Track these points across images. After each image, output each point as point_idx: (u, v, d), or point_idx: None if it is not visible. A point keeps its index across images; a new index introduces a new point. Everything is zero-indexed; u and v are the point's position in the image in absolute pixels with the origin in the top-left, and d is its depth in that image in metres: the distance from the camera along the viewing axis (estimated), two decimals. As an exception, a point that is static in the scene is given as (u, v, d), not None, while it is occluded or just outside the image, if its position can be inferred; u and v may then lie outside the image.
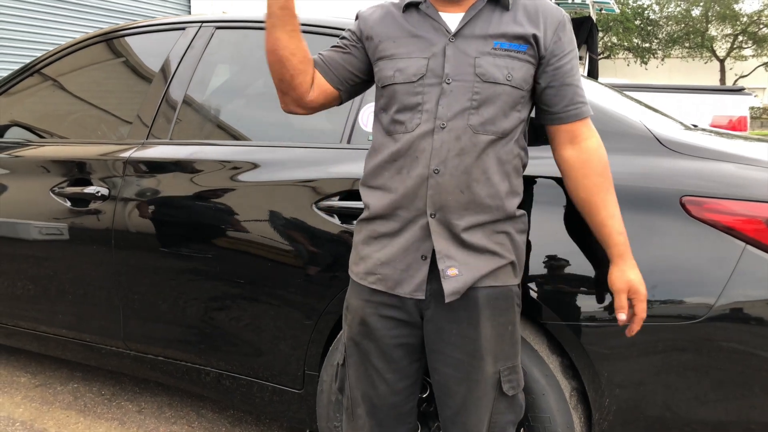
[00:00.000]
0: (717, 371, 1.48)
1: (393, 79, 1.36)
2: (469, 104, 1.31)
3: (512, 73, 1.32)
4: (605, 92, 2.09)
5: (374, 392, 1.44)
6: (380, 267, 1.38)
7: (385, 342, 1.40)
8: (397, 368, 1.42)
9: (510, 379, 1.38)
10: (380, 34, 1.40)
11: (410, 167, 1.34)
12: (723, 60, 26.90)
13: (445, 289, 1.32)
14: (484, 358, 1.35)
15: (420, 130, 1.32)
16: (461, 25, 1.34)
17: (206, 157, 2.03)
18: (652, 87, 5.55)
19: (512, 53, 1.33)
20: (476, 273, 1.33)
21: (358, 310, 1.42)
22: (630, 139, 1.64)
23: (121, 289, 2.14)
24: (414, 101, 1.34)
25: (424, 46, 1.35)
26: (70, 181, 2.23)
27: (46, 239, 2.27)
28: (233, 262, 1.95)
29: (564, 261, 1.57)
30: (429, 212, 1.33)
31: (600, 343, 1.54)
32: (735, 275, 1.46)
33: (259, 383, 2.00)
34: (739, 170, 1.53)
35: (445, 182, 1.31)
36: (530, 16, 1.36)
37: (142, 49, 2.38)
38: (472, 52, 1.32)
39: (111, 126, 2.38)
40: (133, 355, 2.22)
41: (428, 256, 1.34)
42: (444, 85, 1.32)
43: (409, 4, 1.40)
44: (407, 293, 1.35)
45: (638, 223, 1.52)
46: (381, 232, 1.39)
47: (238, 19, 2.21)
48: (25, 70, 2.61)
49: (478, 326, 1.34)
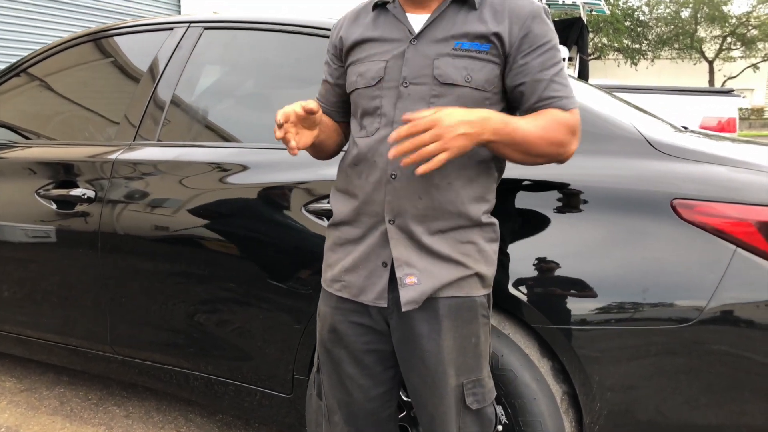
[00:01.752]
0: (708, 375, 1.47)
1: (355, 84, 1.36)
2: (426, 107, 1.26)
3: (472, 74, 1.27)
4: (595, 94, 2.09)
5: (350, 399, 1.42)
6: (344, 274, 1.36)
7: (356, 348, 1.38)
8: (370, 374, 1.40)
9: (474, 392, 1.34)
10: (348, 39, 1.40)
11: (369, 172, 1.32)
12: (712, 61, 27.09)
13: (402, 297, 1.28)
14: (447, 370, 1.31)
15: (378, 134, 1.30)
16: (424, 26, 1.31)
17: (194, 158, 2.01)
18: (642, 88, 5.57)
19: (473, 53, 1.28)
20: (436, 282, 1.28)
21: (328, 317, 1.40)
22: (621, 142, 1.63)
23: (108, 292, 2.11)
24: (373, 105, 1.32)
25: (385, 48, 1.33)
26: (55, 183, 2.20)
27: (31, 242, 2.24)
28: (222, 265, 1.92)
29: (554, 264, 1.56)
30: (387, 218, 1.30)
31: (591, 346, 1.53)
32: (726, 278, 1.45)
33: (248, 388, 1.98)
34: (729, 173, 1.52)
35: (403, 188, 1.28)
36: (496, 13, 1.29)
37: (129, 50, 2.36)
38: (431, 54, 1.29)
39: (98, 127, 2.35)
40: (121, 360, 2.20)
41: (388, 263, 1.31)
42: (401, 89, 1.29)
43: (378, 4, 1.38)
44: (370, 301, 1.33)
45: (629, 226, 1.52)
46: (345, 239, 1.37)
47: (226, 20, 2.19)
48: (10, 69, 2.57)
49: (440, 337, 1.30)
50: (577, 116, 1.29)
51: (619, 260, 1.53)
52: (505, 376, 1.57)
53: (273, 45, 2.10)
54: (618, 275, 1.52)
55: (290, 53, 2.06)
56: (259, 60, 2.14)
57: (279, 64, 2.10)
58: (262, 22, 2.12)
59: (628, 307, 1.50)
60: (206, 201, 1.94)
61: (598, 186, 1.56)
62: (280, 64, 2.11)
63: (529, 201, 1.61)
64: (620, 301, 1.51)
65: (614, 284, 1.52)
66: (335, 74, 1.45)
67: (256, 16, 2.16)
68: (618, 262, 1.53)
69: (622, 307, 1.51)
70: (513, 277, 1.57)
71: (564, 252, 1.56)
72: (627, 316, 1.50)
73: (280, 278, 1.85)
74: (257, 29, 2.13)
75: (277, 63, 2.11)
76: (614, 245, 1.53)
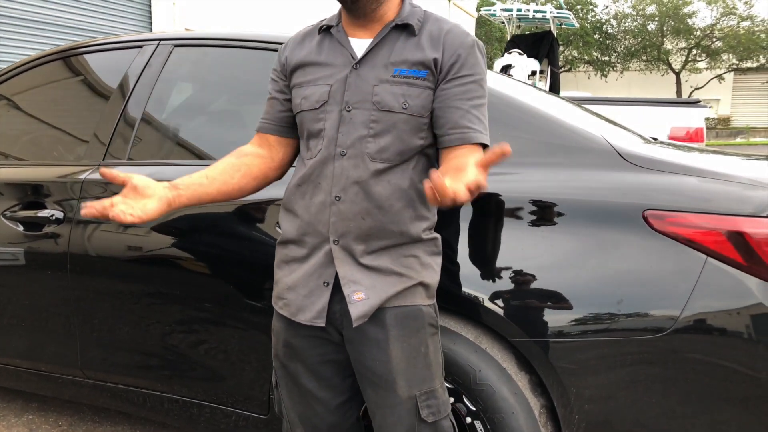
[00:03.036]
0: (684, 384, 1.48)
1: (300, 106, 1.39)
2: (366, 132, 1.31)
3: (408, 101, 1.31)
4: (565, 106, 2.11)
5: (311, 412, 1.43)
6: (286, 292, 1.39)
7: (312, 361, 1.40)
8: (328, 385, 1.42)
9: (429, 405, 1.35)
10: (293, 61, 1.43)
11: (313, 193, 1.35)
12: (678, 72, 27.67)
13: (352, 314, 1.31)
14: (396, 381, 1.33)
15: (321, 156, 1.34)
16: (366, 51, 1.34)
17: (166, 177, 1.97)
18: (612, 100, 5.66)
19: (410, 80, 1.31)
20: (383, 294, 1.32)
21: (281, 333, 1.42)
22: (591, 154, 1.65)
23: (78, 314, 2.06)
24: (317, 127, 1.35)
25: (328, 73, 1.36)
26: (23, 204, 2.15)
27: (0, 266, 2.18)
28: (195, 284, 1.89)
29: (529, 277, 1.56)
30: (332, 239, 1.33)
31: (567, 358, 1.53)
32: (698, 287, 1.47)
33: (224, 409, 1.94)
34: (699, 183, 1.54)
35: (347, 209, 1.31)
36: (433, 40, 1.33)
37: (99, 68, 2.32)
38: (371, 80, 1.32)
39: (67, 146, 2.30)
40: (91, 384, 2.14)
41: (330, 282, 1.34)
42: (344, 113, 1.33)
43: (323, 28, 1.41)
44: (307, 320, 1.35)
45: (601, 238, 1.53)
46: (291, 257, 1.40)
47: (197, 37, 2.17)
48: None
49: (388, 347, 1.33)
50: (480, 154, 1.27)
51: (594, 272, 1.54)
52: (484, 391, 1.56)
53: (242, 61, 2.09)
54: (592, 287, 1.53)
55: (259, 69, 2.05)
56: (230, 76, 2.12)
57: (249, 80, 2.09)
58: (231, 39, 2.11)
59: (603, 318, 1.51)
60: (178, 220, 1.91)
61: (571, 198, 1.57)
62: (250, 80, 2.09)
63: (503, 214, 1.61)
64: (595, 313, 1.52)
65: (589, 296, 1.53)
66: (284, 90, 1.47)
67: (225, 33, 2.14)
68: (592, 273, 1.54)
69: (598, 319, 1.51)
70: (489, 291, 1.57)
71: (539, 265, 1.57)
72: (602, 327, 1.51)
73: (255, 297, 1.82)
74: (227, 46, 2.11)
75: (246, 79, 2.10)
76: (588, 257, 1.54)
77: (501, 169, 1.64)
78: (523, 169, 1.65)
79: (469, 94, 1.32)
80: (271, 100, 1.49)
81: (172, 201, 1.34)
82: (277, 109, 1.48)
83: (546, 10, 15.17)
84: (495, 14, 15.60)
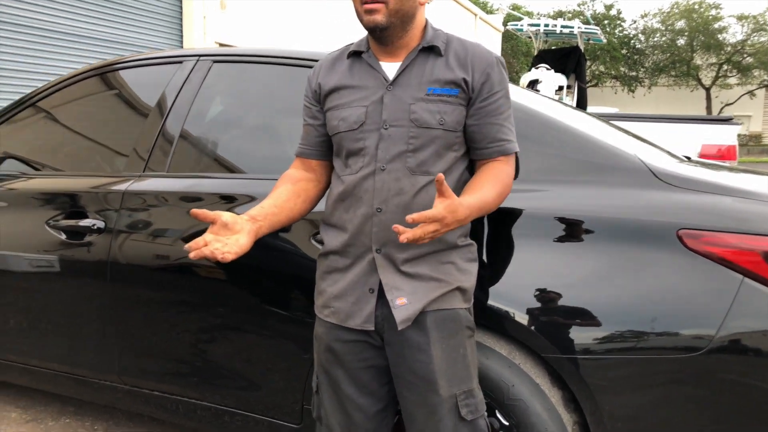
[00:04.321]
0: (717, 404, 1.48)
1: (338, 128, 1.47)
2: (405, 147, 1.41)
3: (444, 117, 1.41)
4: (598, 124, 2.12)
5: (350, 421, 1.49)
6: (333, 300, 1.48)
7: (353, 366, 1.47)
8: (368, 392, 1.48)
9: (467, 404, 1.42)
10: (326, 86, 1.51)
11: (356, 206, 1.44)
12: (708, 88, 27.36)
13: (396, 318, 1.39)
14: (438, 381, 1.40)
15: (362, 172, 1.43)
16: (398, 73, 1.44)
17: (204, 189, 2.03)
18: (641, 117, 5.62)
19: (444, 98, 1.42)
20: (424, 299, 1.40)
21: (324, 338, 1.50)
22: (626, 173, 1.66)
23: (117, 322, 2.12)
24: (357, 146, 1.44)
25: (364, 95, 1.45)
26: (65, 213, 2.22)
27: (40, 272, 2.25)
28: (231, 295, 1.94)
29: (562, 294, 1.57)
30: (374, 248, 1.42)
31: (600, 375, 1.54)
32: (734, 307, 1.47)
33: (256, 417, 1.97)
34: (734, 203, 1.55)
35: (388, 220, 1.40)
36: (460, 60, 1.44)
37: (139, 83, 2.39)
38: (407, 99, 1.42)
39: (107, 159, 2.38)
40: (127, 390, 2.19)
41: (375, 288, 1.43)
42: (382, 131, 1.42)
43: (353, 53, 1.50)
44: (357, 325, 1.44)
45: (636, 256, 1.54)
46: (334, 267, 1.49)
47: (236, 53, 2.23)
48: (20, 103, 2.61)
49: (429, 349, 1.40)
50: (514, 161, 1.49)
51: (627, 290, 1.54)
52: (517, 406, 1.57)
53: (280, 77, 2.14)
54: (626, 305, 1.54)
55: (296, 85, 2.10)
56: (267, 92, 2.17)
57: (286, 96, 2.14)
58: (270, 56, 2.17)
59: (636, 336, 1.51)
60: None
61: (605, 217, 1.59)
62: (287, 96, 2.14)
63: (537, 232, 1.63)
64: (628, 331, 1.52)
65: (622, 313, 1.53)
66: (317, 116, 1.56)
67: (264, 49, 2.20)
68: (625, 291, 1.54)
69: (631, 337, 1.52)
70: (522, 307, 1.59)
71: (572, 282, 1.58)
72: (635, 346, 1.51)
73: (289, 308, 1.86)
74: (265, 62, 2.17)
75: (284, 95, 2.15)
76: (621, 275, 1.55)
77: (536, 186, 1.66)
78: (557, 187, 1.67)
79: (501, 108, 1.45)
80: (307, 127, 1.58)
81: (256, 232, 1.42)
82: (313, 135, 1.57)
83: (573, 26, 15.11)
84: (522, 29, 15.58)
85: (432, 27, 1.50)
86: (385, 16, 1.39)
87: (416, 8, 1.44)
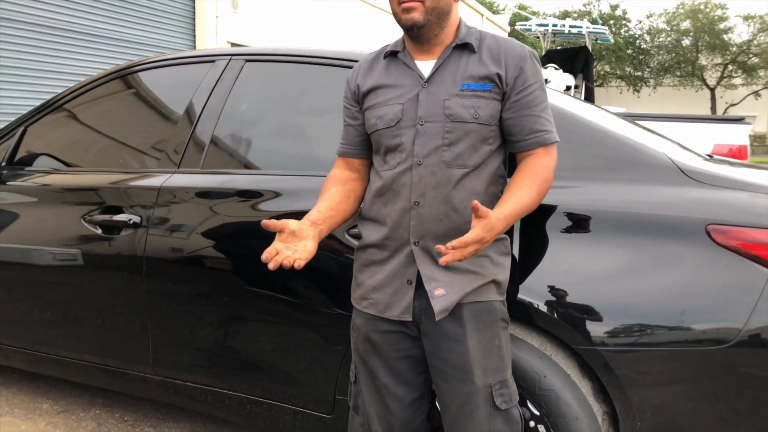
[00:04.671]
0: (744, 397, 1.52)
1: (376, 126, 1.53)
2: (441, 142, 1.45)
3: (479, 112, 1.45)
4: (623, 123, 2.16)
5: (386, 409, 1.54)
6: (371, 292, 1.52)
7: (390, 356, 1.52)
8: (404, 381, 1.53)
9: (502, 393, 1.46)
10: (365, 86, 1.57)
11: (394, 200, 1.49)
12: (713, 88, 27.32)
13: (435, 308, 1.43)
14: (473, 371, 1.44)
15: (400, 167, 1.48)
16: (433, 71, 1.49)
17: (238, 186, 2.08)
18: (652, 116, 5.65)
19: (478, 93, 1.46)
20: (461, 291, 1.44)
21: (362, 328, 1.55)
22: (654, 170, 1.70)
23: (152, 315, 2.17)
24: (394, 143, 1.49)
25: (400, 93, 1.51)
26: (101, 208, 2.27)
27: (75, 265, 2.31)
28: (265, 288, 1.98)
29: (593, 287, 1.62)
30: (412, 240, 1.47)
31: (629, 367, 1.58)
32: (762, 301, 1.51)
33: (287, 408, 2.02)
34: (761, 200, 1.59)
35: (425, 213, 1.45)
36: (494, 56, 1.48)
37: (171, 81, 2.44)
38: (442, 95, 1.46)
39: (142, 155, 2.43)
40: (158, 380, 2.24)
41: (413, 280, 1.48)
42: (418, 127, 1.47)
43: (389, 53, 1.56)
44: (395, 316, 1.49)
45: (666, 251, 1.58)
46: (372, 260, 1.54)
47: (267, 52, 2.28)
48: (51, 103, 2.66)
49: (465, 340, 1.45)
50: (555, 150, 1.50)
51: (656, 283, 1.58)
52: (548, 396, 1.62)
53: (311, 76, 2.19)
54: (654, 298, 1.58)
55: (328, 84, 2.14)
56: (299, 90, 2.22)
57: (318, 94, 2.19)
58: (300, 55, 2.22)
59: (665, 329, 1.56)
60: (249, 227, 2.01)
61: (636, 212, 1.63)
62: (319, 95, 2.19)
63: (568, 227, 1.67)
64: (657, 323, 1.56)
65: (651, 307, 1.57)
66: (357, 116, 1.61)
67: (295, 49, 2.25)
68: (654, 285, 1.59)
69: (659, 329, 1.56)
70: (553, 300, 1.63)
71: (602, 275, 1.62)
72: (664, 338, 1.56)
73: (323, 302, 1.91)
74: (296, 62, 2.22)
75: (315, 93, 2.20)
76: (651, 269, 1.59)
77: (571, 183, 1.70)
78: (588, 184, 1.71)
79: (537, 100, 1.49)
80: (348, 127, 1.64)
81: (319, 235, 1.46)
82: (353, 135, 1.63)
83: (582, 26, 15.14)
84: (530, 29, 15.60)
85: (465, 25, 1.55)
86: (423, 14, 1.44)
87: (451, 5, 1.49)
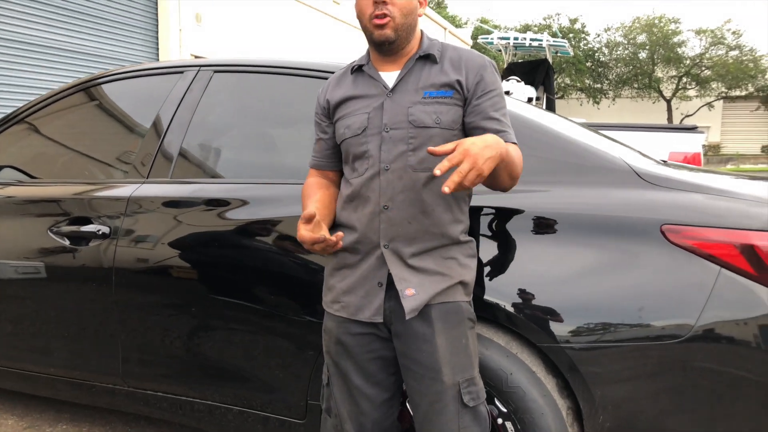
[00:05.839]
0: (700, 389, 1.59)
1: (344, 135, 1.60)
2: (406, 147, 1.52)
3: (441, 117, 1.52)
4: (581, 130, 2.25)
5: (358, 410, 1.59)
6: (343, 295, 1.57)
7: (362, 358, 1.56)
8: (375, 382, 1.58)
9: (470, 390, 1.52)
10: (334, 100, 1.64)
11: (363, 206, 1.55)
12: (669, 100, 28.12)
13: (405, 307, 1.49)
14: (442, 369, 1.49)
15: (368, 173, 1.54)
16: (397, 81, 1.57)
17: (207, 195, 2.09)
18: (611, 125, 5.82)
19: (440, 99, 1.53)
20: (430, 291, 1.50)
21: (333, 331, 1.59)
22: (611, 173, 1.78)
23: (122, 326, 2.16)
24: (361, 150, 1.56)
25: (366, 103, 1.58)
26: (69, 219, 2.26)
27: (43, 278, 2.28)
28: (236, 297, 2.00)
29: (555, 287, 1.68)
30: (382, 243, 1.53)
31: (592, 364, 1.64)
32: (712, 297, 1.59)
33: (259, 414, 2.03)
34: (712, 201, 1.68)
35: (394, 215, 1.51)
36: (454, 64, 1.56)
37: (140, 92, 2.45)
38: (405, 103, 1.54)
39: (110, 167, 2.42)
40: (126, 391, 2.23)
41: (384, 282, 1.53)
42: (384, 134, 1.53)
43: (354, 68, 1.64)
44: (367, 318, 1.54)
45: (623, 251, 1.65)
46: (343, 264, 1.59)
47: (236, 63, 2.31)
48: (16, 115, 2.64)
49: (434, 339, 1.50)
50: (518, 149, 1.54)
51: (615, 282, 1.66)
52: (515, 394, 1.67)
53: (280, 86, 2.22)
54: (613, 296, 1.65)
55: (296, 94, 2.18)
56: (267, 101, 2.25)
57: (285, 104, 2.22)
58: (269, 66, 2.25)
59: (624, 325, 1.62)
60: (219, 235, 2.03)
61: (593, 214, 1.71)
62: (287, 105, 2.23)
63: (529, 229, 1.74)
64: (617, 321, 1.63)
65: (610, 305, 1.64)
66: (327, 130, 1.68)
67: (264, 59, 2.28)
68: (613, 283, 1.66)
69: (618, 326, 1.63)
70: (518, 300, 1.69)
71: (563, 276, 1.69)
72: (624, 335, 1.62)
73: (294, 309, 1.93)
74: (265, 72, 2.25)
75: (283, 104, 2.23)
76: (610, 268, 1.67)
77: (530, 187, 1.77)
78: (550, 187, 1.78)
79: (497, 105, 1.56)
80: (320, 141, 1.71)
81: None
82: (324, 148, 1.70)
83: (542, 39, 15.49)
84: (492, 42, 15.90)
85: (428, 37, 1.63)
86: (394, 30, 1.52)
87: (416, 20, 1.57)
